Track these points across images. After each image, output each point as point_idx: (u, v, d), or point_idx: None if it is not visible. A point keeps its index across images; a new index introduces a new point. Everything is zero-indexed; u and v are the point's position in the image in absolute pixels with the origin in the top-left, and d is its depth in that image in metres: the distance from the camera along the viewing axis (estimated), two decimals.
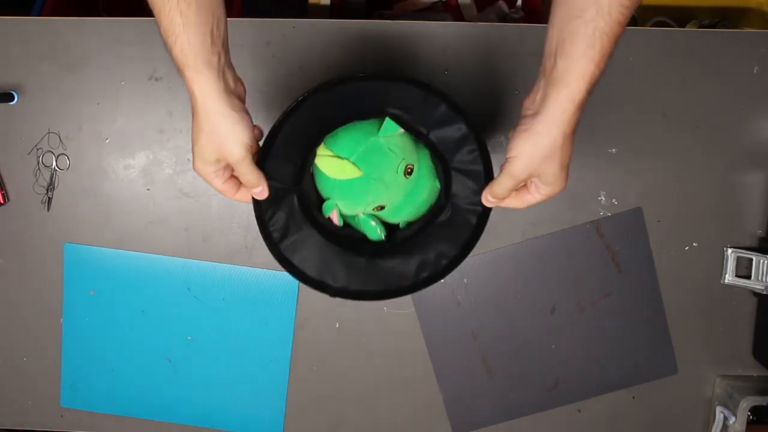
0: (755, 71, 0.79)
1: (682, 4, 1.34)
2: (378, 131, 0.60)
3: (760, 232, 0.81)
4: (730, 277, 0.81)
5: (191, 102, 0.52)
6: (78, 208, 0.82)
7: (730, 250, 0.81)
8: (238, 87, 0.55)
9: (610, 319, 0.83)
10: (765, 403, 0.77)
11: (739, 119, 0.80)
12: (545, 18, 0.55)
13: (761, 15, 1.33)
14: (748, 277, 0.81)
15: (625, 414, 0.84)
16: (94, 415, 0.86)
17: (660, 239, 0.81)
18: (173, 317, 0.84)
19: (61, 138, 0.82)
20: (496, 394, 0.84)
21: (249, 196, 0.58)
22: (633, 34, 0.79)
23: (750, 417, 0.77)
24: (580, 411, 0.84)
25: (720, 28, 1.30)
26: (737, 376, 0.83)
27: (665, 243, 0.81)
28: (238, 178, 0.57)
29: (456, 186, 0.60)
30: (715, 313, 0.82)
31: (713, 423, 0.82)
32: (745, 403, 0.77)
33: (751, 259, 0.80)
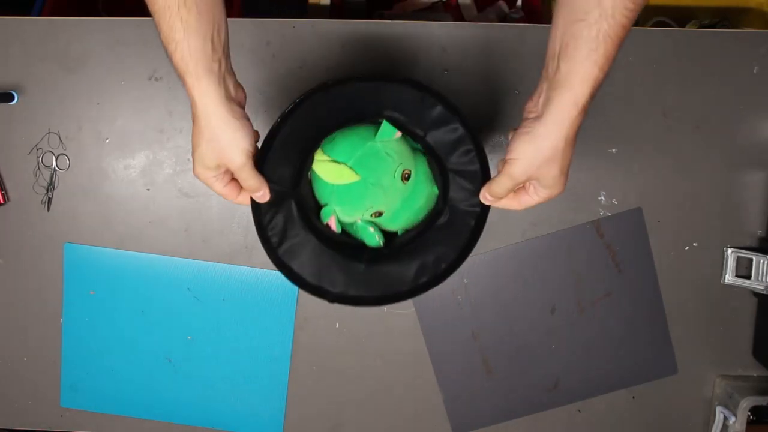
0: (755, 71, 0.79)
1: (682, 4, 1.34)
2: (375, 136, 0.59)
3: (760, 232, 0.81)
4: (730, 277, 0.81)
5: (192, 108, 0.52)
6: (78, 208, 0.82)
7: (730, 250, 0.81)
8: (238, 93, 0.55)
9: (610, 319, 0.82)
10: (765, 403, 0.77)
11: (739, 119, 0.80)
12: (545, 18, 0.55)
13: (761, 15, 1.33)
14: (748, 277, 0.81)
15: (625, 414, 0.84)
16: (94, 415, 0.86)
17: (660, 239, 0.81)
18: (173, 317, 0.84)
19: (61, 138, 0.82)
20: (496, 394, 0.84)
21: (249, 199, 0.58)
22: (633, 34, 0.77)
23: (750, 417, 0.77)
24: (580, 411, 0.84)
25: (720, 28, 1.30)
26: (737, 376, 0.83)
27: (665, 243, 0.81)
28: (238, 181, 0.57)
29: (453, 188, 0.60)
30: (715, 313, 0.82)
31: (713, 423, 0.82)
32: (745, 403, 0.77)
33: (751, 259, 0.80)
